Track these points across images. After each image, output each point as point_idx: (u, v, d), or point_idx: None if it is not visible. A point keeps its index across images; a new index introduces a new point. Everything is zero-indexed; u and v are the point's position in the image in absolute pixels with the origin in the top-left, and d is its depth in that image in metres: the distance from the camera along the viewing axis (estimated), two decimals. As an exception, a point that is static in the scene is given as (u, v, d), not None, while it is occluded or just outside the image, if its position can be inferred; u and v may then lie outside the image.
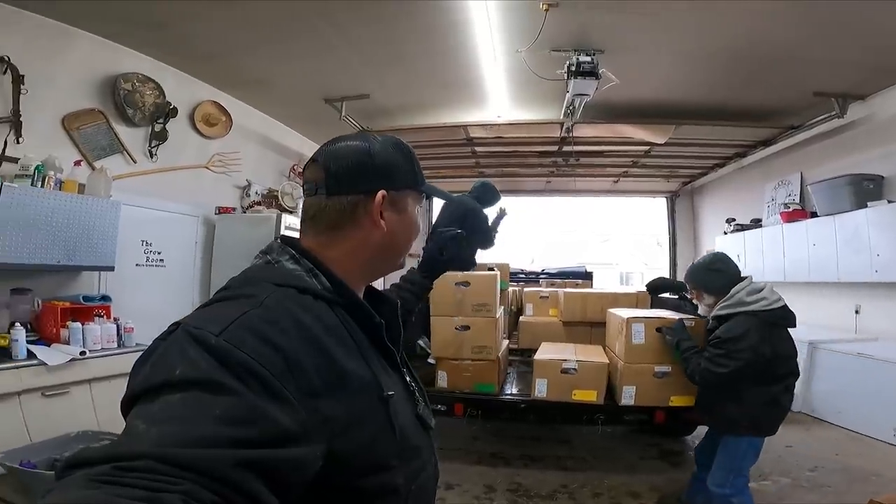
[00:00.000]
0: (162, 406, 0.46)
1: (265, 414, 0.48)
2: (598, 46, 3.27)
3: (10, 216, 2.48)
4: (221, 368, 0.49)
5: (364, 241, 0.72)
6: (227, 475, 0.43)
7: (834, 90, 3.98)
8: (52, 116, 3.13)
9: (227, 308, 0.58)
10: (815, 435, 3.88)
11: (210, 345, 0.51)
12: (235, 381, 0.48)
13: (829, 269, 4.50)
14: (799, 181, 5.21)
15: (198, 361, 0.49)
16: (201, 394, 0.47)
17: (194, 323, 0.54)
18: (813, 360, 4.39)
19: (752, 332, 2.11)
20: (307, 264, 0.68)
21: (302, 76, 4.06)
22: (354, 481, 0.59)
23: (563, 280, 5.25)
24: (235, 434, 0.45)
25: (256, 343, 0.52)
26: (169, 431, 0.44)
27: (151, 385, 0.48)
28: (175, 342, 0.53)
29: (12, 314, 2.55)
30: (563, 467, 3.25)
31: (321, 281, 0.67)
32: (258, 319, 0.55)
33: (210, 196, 4.33)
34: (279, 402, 0.50)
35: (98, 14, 3.03)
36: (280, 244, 0.71)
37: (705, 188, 7.41)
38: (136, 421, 0.46)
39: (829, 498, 2.75)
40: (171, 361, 0.50)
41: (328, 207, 0.71)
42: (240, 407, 0.47)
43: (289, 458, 0.49)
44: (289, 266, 0.68)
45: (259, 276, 0.66)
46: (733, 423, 2.19)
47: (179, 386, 0.47)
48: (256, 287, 0.62)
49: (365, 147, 0.73)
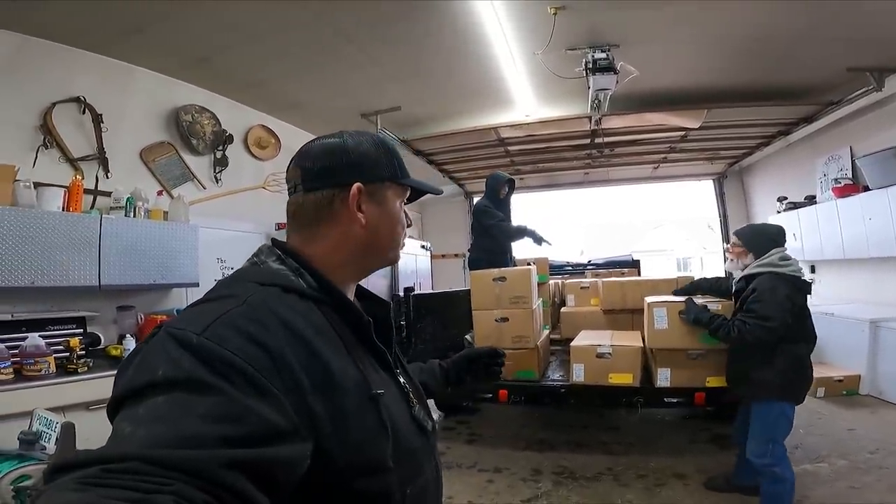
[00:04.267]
0: (147, 408, 0.46)
1: (252, 411, 0.48)
2: (613, 41, 3.35)
3: (111, 244, 2.93)
4: (204, 367, 0.49)
5: (345, 236, 0.71)
6: (217, 474, 0.42)
7: (867, 65, 3.86)
8: (131, 150, 3.56)
9: (210, 308, 0.57)
10: (880, 417, 3.76)
11: (192, 344, 0.50)
12: (219, 379, 0.48)
13: (887, 243, 4.28)
14: (849, 155, 4.99)
15: (180, 361, 0.49)
16: (186, 394, 0.47)
17: (176, 324, 0.54)
18: (877, 339, 4.20)
19: (782, 289, 2.26)
20: (293, 264, 0.68)
21: (337, 95, 4.38)
22: (345, 483, 0.58)
23: (608, 270, 5.24)
24: (223, 432, 0.45)
25: (240, 340, 0.52)
26: (156, 432, 0.44)
27: (135, 387, 0.48)
28: (157, 344, 0.52)
29: (119, 328, 3.04)
30: (610, 451, 3.33)
31: (307, 280, 0.67)
32: (241, 317, 0.55)
33: (269, 214, 4.68)
34: (266, 399, 0.50)
35: (153, 51, 3.39)
36: (269, 246, 0.72)
37: (754, 168, 7.16)
38: (123, 424, 0.46)
39: (886, 479, 2.69)
40: (154, 363, 0.49)
41: (305, 204, 0.71)
42: (226, 405, 0.47)
43: (278, 455, 0.48)
44: (274, 266, 0.68)
45: (244, 277, 0.66)
46: (766, 386, 2.27)
47: (163, 387, 0.47)
48: (240, 287, 0.62)
49: (339, 142, 0.73)
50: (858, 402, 4.14)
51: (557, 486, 2.88)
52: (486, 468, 3.18)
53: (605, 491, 2.79)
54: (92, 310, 3.00)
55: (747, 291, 2.35)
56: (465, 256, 6.30)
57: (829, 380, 4.26)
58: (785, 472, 2.27)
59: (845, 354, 4.45)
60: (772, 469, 2.25)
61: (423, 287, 6.60)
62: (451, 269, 7.75)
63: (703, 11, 3.07)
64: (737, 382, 2.50)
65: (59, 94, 3.10)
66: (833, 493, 2.59)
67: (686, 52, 3.68)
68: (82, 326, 2.91)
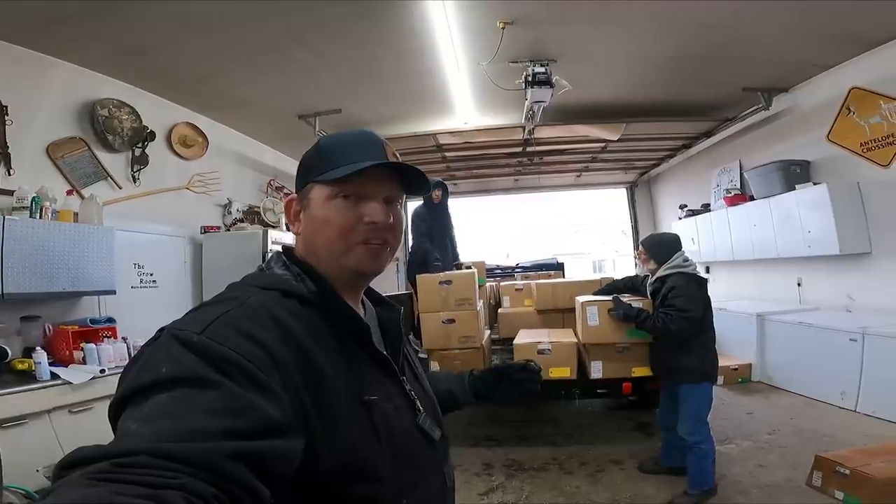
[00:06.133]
0: (152, 405, 0.47)
1: (253, 405, 0.49)
2: (552, 56, 3.60)
3: (14, 248, 2.58)
4: (205, 364, 0.50)
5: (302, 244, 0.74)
6: (223, 466, 0.43)
7: (760, 84, 4.44)
8: (38, 146, 3.19)
9: (210, 309, 0.59)
10: (772, 402, 4.16)
11: (192, 343, 0.52)
12: (220, 375, 0.50)
13: (769, 247, 4.89)
14: (738, 168, 5.68)
15: (182, 359, 0.50)
16: (189, 390, 0.48)
17: (178, 325, 0.56)
18: (763, 331, 4.70)
19: (694, 285, 2.63)
20: (296, 269, 0.70)
21: (276, 96, 4.25)
22: (337, 489, 0.59)
23: (536, 272, 5.53)
24: (226, 425, 0.46)
25: (239, 339, 0.54)
26: (162, 428, 0.45)
27: (139, 386, 0.49)
28: (160, 345, 0.54)
29: (24, 340, 2.68)
30: (552, 443, 3.53)
31: (307, 285, 0.68)
32: (239, 317, 0.57)
33: (193, 217, 4.44)
34: (265, 395, 0.51)
35: (76, 42, 3.10)
36: (278, 253, 0.74)
37: (660, 177, 7.91)
38: (128, 422, 0.47)
39: (787, 458, 2.98)
40: (157, 362, 0.51)
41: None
42: (228, 399, 0.48)
43: (277, 448, 0.50)
44: (278, 272, 0.70)
45: (247, 282, 0.69)
46: (691, 371, 2.58)
47: (167, 384, 0.48)
48: (242, 291, 0.65)
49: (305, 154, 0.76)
50: (752, 388, 4.57)
51: (510, 479, 3.00)
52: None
53: (554, 480, 2.96)
54: (-9, 322, 2.62)
55: (665, 289, 2.66)
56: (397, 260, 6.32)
57: (726, 368, 4.56)
58: (710, 447, 2.58)
59: (738, 345, 4.89)
60: (700, 446, 2.55)
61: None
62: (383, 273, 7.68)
63: (635, 25, 3.32)
64: (663, 370, 2.82)
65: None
66: (746, 471, 2.84)
67: (615, 68, 4.02)
68: (-19, 341, 2.52)
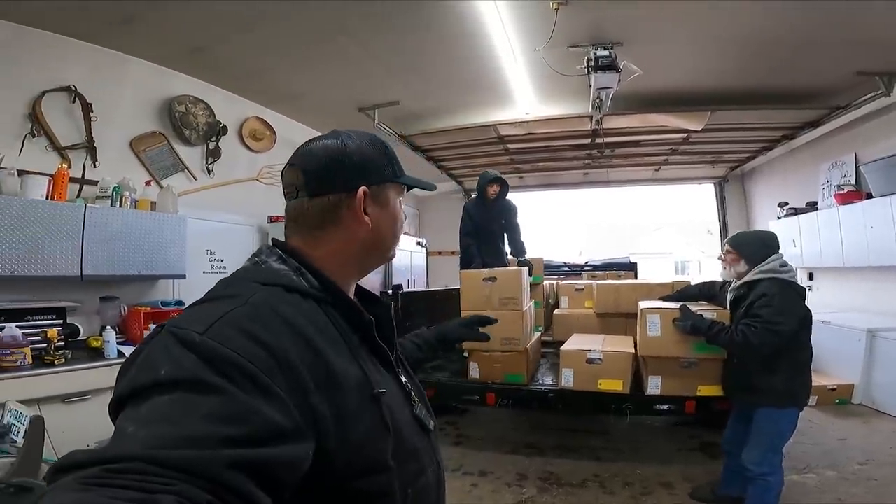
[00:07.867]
0: (150, 407, 0.46)
1: (256, 411, 0.48)
2: (616, 39, 3.27)
3: (95, 234, 2.88)
4: (206, 366, 0.48)
5: (350, 239, 0.72)
6: (220, 475, 0.42)
7: (877, 69, 3.79)
8: (121, 140, 3.54)
9: (212, 307, 0.57)
10: (873, 427, 3.73)
11: (194, 343, 0.50)
12: (222, 379, 0.48)
13: (887, 252, 4.24)
14: (853, 162, 4.93)
15: (182, 361, 0.49)
16: (188, 393, 0.46)
17: (178, 323, 0.54)
18: (872, 349, 4.18)
19: (791, 295, 2.23)
20: (294, 264, 0.68)
21: (334, 88, 4.31)
22: (346, 483, 0.58)
23: (605, 272, 5.18)
24: (226, 432, 0.45)
25: (243, 340, 0.52)
26: (158, 432, 0.43)
27: (137, 387, 0.48)
28: (159, 343, 0.52)
29: (102, 319, 2.99)
30: (597, 457, 3.28)
31: (308, 280, 0.67)
32: (244, 317, 0.55)
33: (262, 206, 4.67)
34: (269, 399, 0.49)
35: (147, 41, 3.34)
36: (269, 246, 0.71)
37: (756, 172, 7.10)
38: (125, 424, 0.45)
39: (875, 491, 2.64)
40: (156, 362, 0.49)
41: (310, 209, 0.71)
42: (228, 405, 0.47)
43: (280, 455, 0.48)
44: (276, 266, 0.68)
45: (246, 277, 0.66)
46: (776, 394, 2.21)
47: (166, 386, 0.47)
48: (242, 287, 0.62)
49: (340, 145, 0.72)
50: (851, 411, 4.11)
51: (542, 493, 2.83)
52: (471, 471, 3.14)
53: (590, 500, 2.74)
54: (74, 300, 2.94)
55: (753, 297, 2.28)
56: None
57: (821, 388, 4.19)
58: (777, 480, 2.22)
59: (839, 363, 4.41)
60: (766, 478, 2.20)
61: (417, 284, 6.55)
62: (446, 266, 7.67)
63: (708, 11, 2.98)
64: (740, 390, 2.43)
65: (50, 83, 3.06)
66: (819, 505, 2.53)
67: (690, 52, 3.60)
68: (62, 317, 2.84)
